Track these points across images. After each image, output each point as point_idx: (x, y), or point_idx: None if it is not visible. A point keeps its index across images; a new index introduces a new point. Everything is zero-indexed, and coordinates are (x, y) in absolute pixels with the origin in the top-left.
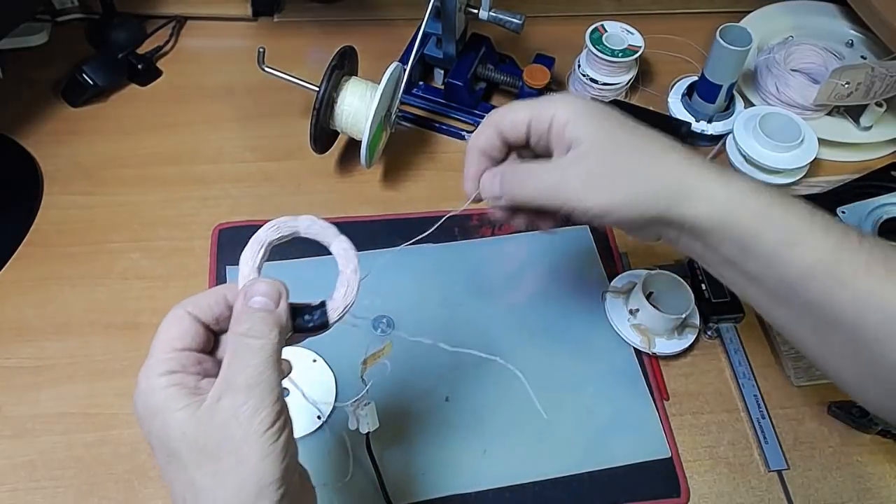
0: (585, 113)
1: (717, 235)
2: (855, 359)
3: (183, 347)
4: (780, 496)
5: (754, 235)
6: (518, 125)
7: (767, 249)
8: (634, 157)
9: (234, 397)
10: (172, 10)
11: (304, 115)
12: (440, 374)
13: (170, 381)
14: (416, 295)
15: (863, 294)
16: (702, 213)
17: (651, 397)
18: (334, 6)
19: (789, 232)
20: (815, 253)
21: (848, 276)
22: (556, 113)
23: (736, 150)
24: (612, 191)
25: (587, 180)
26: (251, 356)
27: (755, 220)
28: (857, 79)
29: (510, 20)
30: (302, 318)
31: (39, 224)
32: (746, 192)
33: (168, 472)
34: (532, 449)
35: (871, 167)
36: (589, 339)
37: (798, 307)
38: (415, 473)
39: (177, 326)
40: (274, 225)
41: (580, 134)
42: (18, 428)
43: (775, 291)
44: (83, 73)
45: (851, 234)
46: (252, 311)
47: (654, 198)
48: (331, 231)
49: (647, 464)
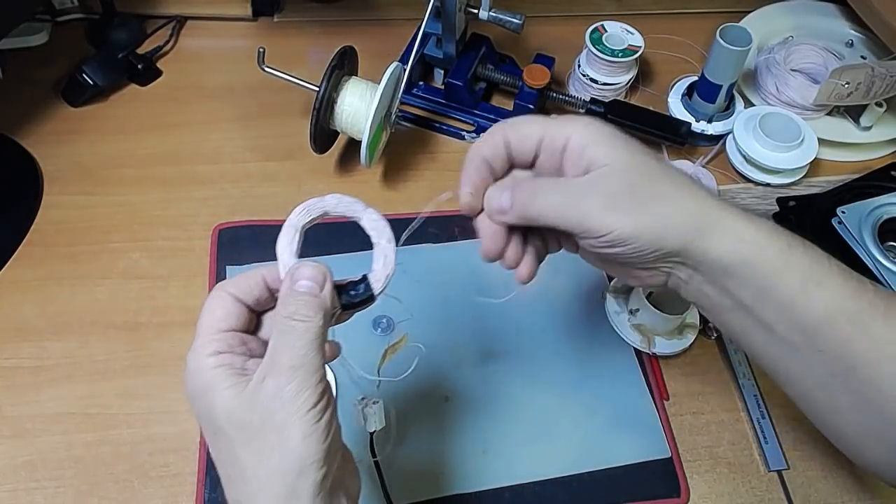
0: (609, 135)
1: (738, 276)
2: (861, 413)
3: (228, 328)
4: (780, 496)
5: (777, 276)
6: (529, 140)
7: (789, 291)
8: (661, 184)
9: (279, 378)
10: (172, 10)
11: (304, 115)
12: (440, 373)
13: (217, 361)
14: (416, 295)
15: (881, 343)
16: (727, 249)
17: (651, 397)
18: (334, 6)
19: (812, 274)
20: (836, 298)
21: (868, 323)
22: (573, 134)
23: (736, 150)
24: (637, 215)
25: (610, 200)
26: (296, 338)
27: (779, 259)
28: (857, 79)
29: (510, 20)
30: (347, 294)
31: (39, 224)
32: (770, 231)
33: (215, 447)
34: (532, 449)
35: (871, 167)
36: (589, 339)
37: (811, 356)
38: (415, 473)
39: (220, 307)
40: (304, 209)
41: (602, 156)
42: (18, 428)
43: (789, 340)
44: (83, 73)
45: (866, 282)
46: (298, 294)
47: (679, 228)
48: (359, 206)
49: (647, 464)
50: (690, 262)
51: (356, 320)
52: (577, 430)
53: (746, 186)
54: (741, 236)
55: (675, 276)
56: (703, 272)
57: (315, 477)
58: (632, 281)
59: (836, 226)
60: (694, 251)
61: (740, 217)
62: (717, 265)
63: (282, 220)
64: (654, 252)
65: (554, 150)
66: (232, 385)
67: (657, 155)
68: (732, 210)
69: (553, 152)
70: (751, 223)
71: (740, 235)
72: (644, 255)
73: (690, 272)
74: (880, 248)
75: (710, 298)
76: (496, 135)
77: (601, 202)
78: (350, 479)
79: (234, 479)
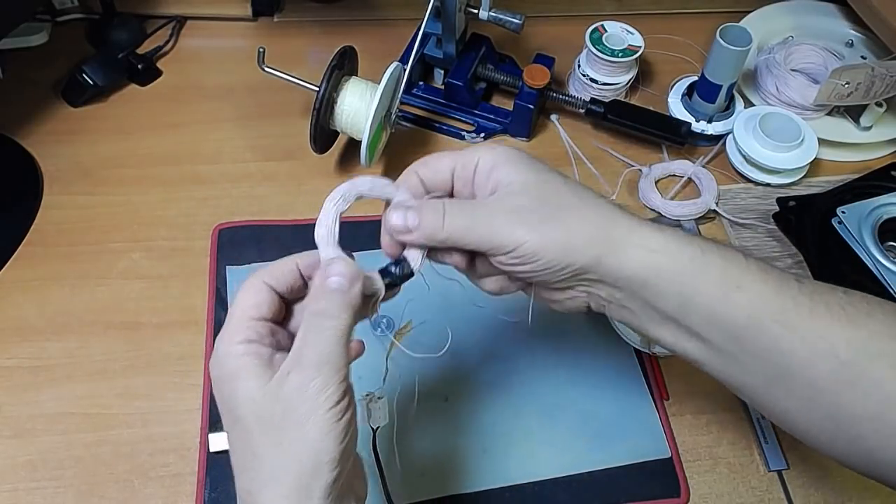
0: (513, 158)
1: (655, 286)
2: (812, 413)
3: (260, 317)
4: (780, 496)
5: (693, 282)
6: (441, 173)
7: (709, 298)
8: (566, 199)
9: (303, 373)
10: (172, 10)
11: (304, 115)
12: (440, 373)
13: (247, 349)
14: (416, 295)
15: (811, 341)
16: (639, 260)
17: (651, 397)
18: (334, 6)
19: (730, 277)
20: (758, 299)
21: (794, 321)
22: (480, 158)
23: (736, 150)
24: (543, 227)
25: (518, 215)
26: (322, 335)
27: (693, 266)
28: (857, 79)
29: (510, 20)
30: (389, 272)
31: (39, 224)
32: (680, 238)
33: (232, 436)
34: (532, 449)
35: (871, 167)
36: (589, 339)
37: (747, 360)
38: (414, 473)
39: (255, 295)
40: (339, 195)
41: (508, 175)
42: (18, 428)
43: (721, 348)
44: (83, 73)
45: (789, 278)
46: (329, 290)
47: (587, 240)
48: (390, 187)
49: (647, 464)
50: (609, 279)
51: None
52: (577, 430)
53: (746, 186)
54: (651, 246)
55: (595, 297)
56: (622, 287)
57: (328, 477)
58: (555, 306)
59: (836, 226)
60: (608, 266)
61: (649, 227)
62: (634, 279)
63: (282, 220)
64: (565, 268)
65: (466, 178)
66: (258, 376)
67: (563, 173)
68: (641, 221)
69: (466, 181)
70: (660, 232)
71: (650, 245)
72: (556, 272)
73: (610, 290)
74: (880, 248)
75: (634, 314)
76: (410, 175)
77: (508, 218)
78: (359, 485)
79: (247, 468)
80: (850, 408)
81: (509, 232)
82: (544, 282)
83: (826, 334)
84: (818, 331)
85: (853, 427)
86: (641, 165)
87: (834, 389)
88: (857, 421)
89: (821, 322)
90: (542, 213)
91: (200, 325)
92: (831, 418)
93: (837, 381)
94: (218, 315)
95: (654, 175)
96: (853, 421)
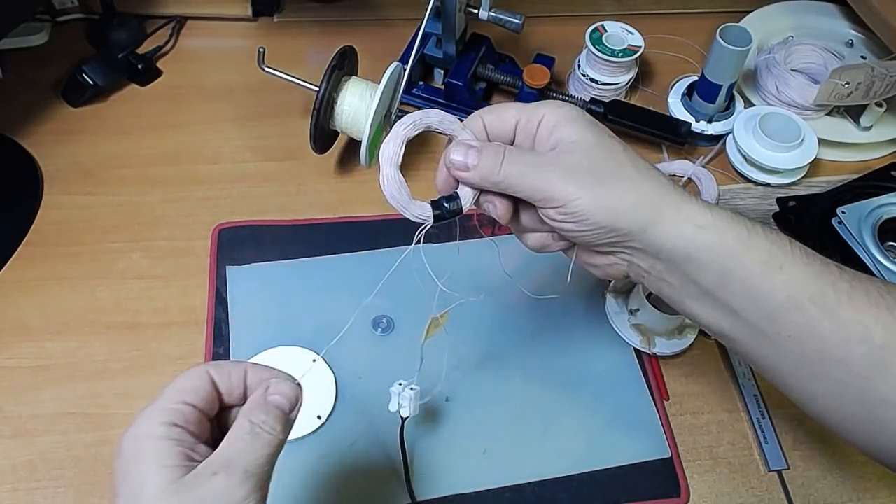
0: (577, 118)
1: (698, 261)
2: (842, 396)
3: (193, 402)
4: (780, 496)
5: (737, 260)
6: (506, 123)
7: (751, 276)
8: (622, 165)
9: (231, 478)
10: (172, 10)
11: (304, 115)
12: (440, 374)
13: (170, 433)
14: (416, 295)
15: (848, 324)
16: (686, 235)
17: (651, 397)
18: (334, 6)
19: (772, 257)
20: (799, 281)
21: (832, 305)
22: (546, 114)
23: (736, 150)
24: (596, 189)
25: (572, 173)
26: (259, 446)
27: (738, 243)
28: (857, 79)
29: (510, 20)
30: (441, 206)
31: (39, 224)
32: (728, 217)
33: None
34: (532, 449)
35: (871, 167)
36: (589, 339)
37: (782, 342)
38: (415, 473)
39: (193, 381)
40: (410, 121)
41: (570, 134)
42: (18, 428)
43: (757, 325)
44: (83, 73)
45: (831, 265)
46: (272, 405)
47: (636, 208)
48: (457, 125)
49: (647, 464)
50: (652, 250)
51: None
52: (577, 430)
53: (746, 186)
54: (700, 222)
55: (635, 266)
56: (664, 259)
57: None
58: (594, 271)
59: (836, 226)
60: (653, 237)
61: (698, 204)
62: (677, 252)
63: (282, 220)
64: (610, 232)
65: (529, 131)
66: (175, 466)
67: (623, 142)
68: (691, 198)
69: (528, 133)
70: (709, 210)
71: (699, 221)
72: (601, 235)
73: (651, 261)
74: (880, 248)
75: (673, 287)
76: (475, 119)
77: (563, 173)
78: None
79: None
80: (882, 392)
81: (562, 186)
82: (588, 243)
83: (863, 319)
84: (855, 315)
85: (883, 411)
86: None
87: (866, 373)
88: (887, 405)
89: (859, 307)
90: (596, 175)
91: (200, 325)
92: (861, 402)
93: (871, 364)
94: (218, 315)
95: None
96: (884, 406)
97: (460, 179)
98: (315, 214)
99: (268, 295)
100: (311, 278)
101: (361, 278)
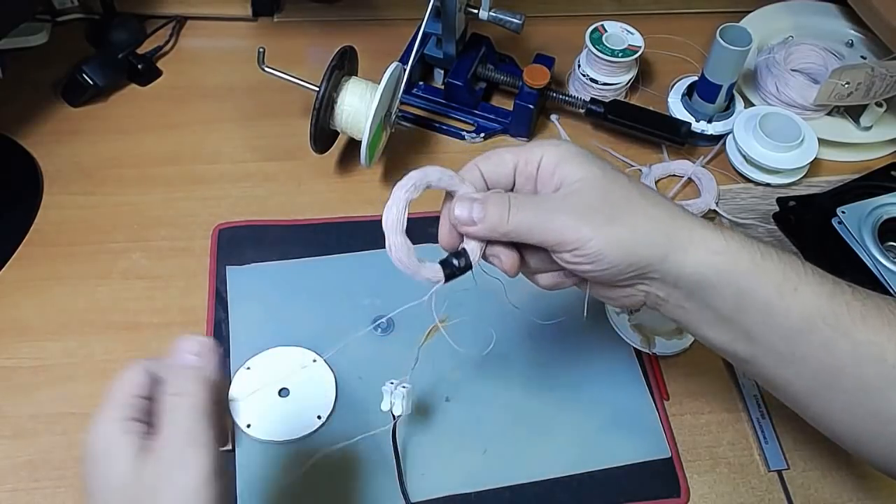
0: (578, 155)
1: (714, 288)
2: (856, 414)
3: (139, 394)
4: (780, 496)
5: (752, 283)
6: (503, 167)
7: (766, 298)
8: (631, 198)
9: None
10: (172, 10)
11: (304, 115)
12: (440, 374)
13: (128, 427)
14: (417, 295)
15: (862, 344)
16: (701, 261)
17: (651, 397)
18: (334, 6)
19: (787, 279)
20: (814, 301)
21: (847, 325)
22: (545, 154)
23: (736, 150)
24: (610, 227)
25: (584, 212)
26: (182, 415)
27: (753, 267)
28: (857, 79)
29: (510, 20)
30: (449, 264)
31: (39, 224)
32: (742, 242)
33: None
34: (532, 449)
35: (871, 167)
36: (589, 339)
37: (797, 362)
38: (415, 473)
39: (136, 375)
40: (411, 183)
41: (573, 173)
42: (18, 428)
43: (772, 348)
44: (83, 73)
45: (843, 284)
46: (180, 368)
47: (651, 240)
48: (456, 180)
49: (647, 464)
50: (669, 279)
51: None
52: (577, 430)
53: (746, 186)
54: (713, 248)
55: (652, 296)
56: (681, 287)
57: None
58: (610, 302)
59: (836, 226)
60: (670, 266)
61: (710, 229)
62: (694, 278)
63: (282, 220)
64: (627, 268)
65: (529, 174)
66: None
67: (626, 172)
68: (702, 222)
69: (529, 176)
70: (722, 235)
71: (712, 247)
72: (618, 272)
73: (669, 289)
74: (880, 248)
75: (690, 313)
76: (471, 169)
77: (574, 215)
78: None
79: None
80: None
81: (574, 229)
82: (606, 281)
83: (876, 339)
84: (869, 335)
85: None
86: (641, 165)
87: (881, 391)
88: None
89: (872, 326)
90: (607, 212)
91: (200, 325)
92: (875, 417)
93: (885, 382)
94: (218, 315)
95: (654, 175)
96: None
97: (467, 235)
98: (315, 214)
99: (268, 295)
100: (311, 278)
101: (361, 278)
